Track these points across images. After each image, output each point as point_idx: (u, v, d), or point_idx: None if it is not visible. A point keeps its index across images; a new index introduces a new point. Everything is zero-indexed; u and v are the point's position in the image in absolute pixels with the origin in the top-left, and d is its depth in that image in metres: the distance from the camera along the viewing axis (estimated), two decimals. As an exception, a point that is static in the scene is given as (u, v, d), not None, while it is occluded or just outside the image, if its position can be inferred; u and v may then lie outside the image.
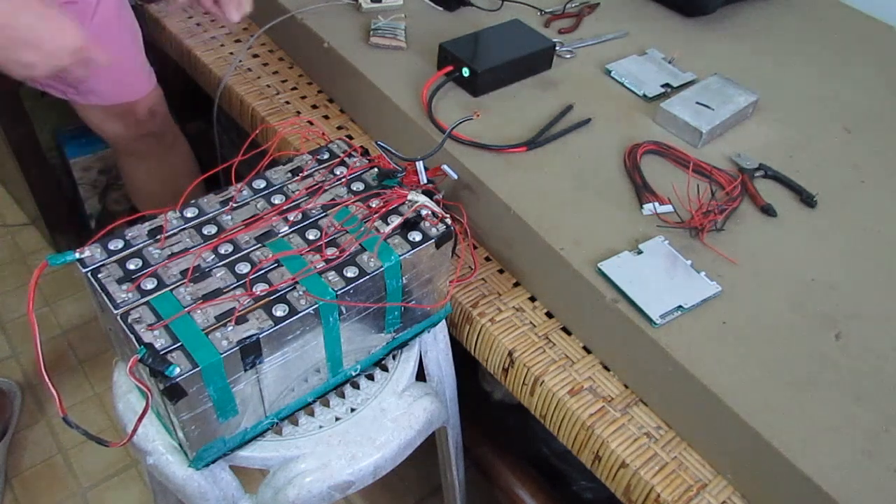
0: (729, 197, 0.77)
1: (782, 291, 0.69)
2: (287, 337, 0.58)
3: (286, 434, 0.67)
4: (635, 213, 0.76)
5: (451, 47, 0.89)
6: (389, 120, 0.90)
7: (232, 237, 0.62)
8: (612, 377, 0.71)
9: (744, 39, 1.04)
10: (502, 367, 0.75)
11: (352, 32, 0.98)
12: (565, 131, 0.84)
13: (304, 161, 0.71)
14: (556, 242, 0.72)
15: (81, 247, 0.61)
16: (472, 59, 0.87)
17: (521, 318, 0.76)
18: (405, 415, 0.70)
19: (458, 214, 0.78)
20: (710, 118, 0.85)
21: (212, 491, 0.65)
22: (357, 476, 0.67)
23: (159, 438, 0.65)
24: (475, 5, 1.05)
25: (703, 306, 0.67)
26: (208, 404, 0.57)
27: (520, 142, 0.82)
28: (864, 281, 0.71)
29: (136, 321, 0.55)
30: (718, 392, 0.61)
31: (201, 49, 1.10)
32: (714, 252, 0.72)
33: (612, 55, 0.97)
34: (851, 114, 0.92)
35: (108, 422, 1.37)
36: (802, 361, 0.64)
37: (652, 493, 0.64)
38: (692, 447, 0.66)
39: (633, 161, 0.81)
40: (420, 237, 0.64)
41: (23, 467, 1.30)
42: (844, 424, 0.60)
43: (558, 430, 0.71)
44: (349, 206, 0.66)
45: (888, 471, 0.57)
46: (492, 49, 0.91)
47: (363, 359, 0.69)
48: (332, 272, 0.60)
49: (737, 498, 0.63)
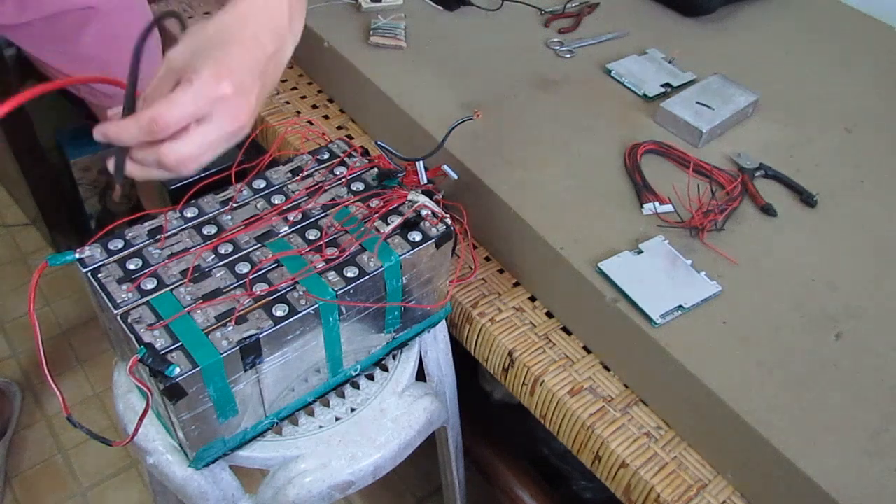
0: (729, 197, 0.77)
1: (782, 291, 0.69)
2: (287, 337, 0.58)
3: (286, 434, 0.67)
4: (635, 212, 0.76)
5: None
6: (389, 120, 0.90)
7: (232, 237, 0.62)
8: (612, 377, 0.71)
9: (744, 39, 1.04)
10: (502, 367, 0.75)
11: (352, 32, 0.98)
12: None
13: (304, 161, 0.71)
14: (556, 242, 0.72)
15: (81, 247, 0.61)
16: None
17: (521, 318, 0.76)
18: (405, 415, 0.70)
19: (458, 214, 0.78)
20: (710, 118, 0.85)
21: (212, 491, 0.65)
22: (357, 476, 0.67)
23: (159, 438, 0.65)
24: (475, 5, 1.05)
25: (703, 306, 0.67)
26: (208, 404, 0.57)
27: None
28: (864, 281, 0.71)
29: (136, 321, 0.55)
30: (718, 392, 0.61)
31: (201, 49, 1.10)
32: (714, 252, 0.72)
33: (612, 55, 0.97)
34: (851, 114, 0.92)
35: (108, 422, 1.37)
36: (802, 361, 0.64)
37: (652, 493, 0.64)
38: (692, 447, 0.66)
39: (634, 161, 0.81)
40: (420, 237, 0.64)
41: (23, 467, 1.30)
42: (844, 424, 0.60)
43: (558, 430, 0.71)
44: (349, 206, 0.66)
45: (888, 471, 0.57)
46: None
47: (363, 359, 0.69)
48: (332, 272, 0.60)
49: (737, 498, 0.63)
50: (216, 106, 0.45)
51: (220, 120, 0.45)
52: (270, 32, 0.48)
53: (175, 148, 0.45)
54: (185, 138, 0.45)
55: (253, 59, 0.46)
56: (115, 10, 0.91)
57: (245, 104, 0.46)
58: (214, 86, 0.44)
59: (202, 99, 0.44)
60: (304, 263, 0.60)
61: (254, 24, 0.47)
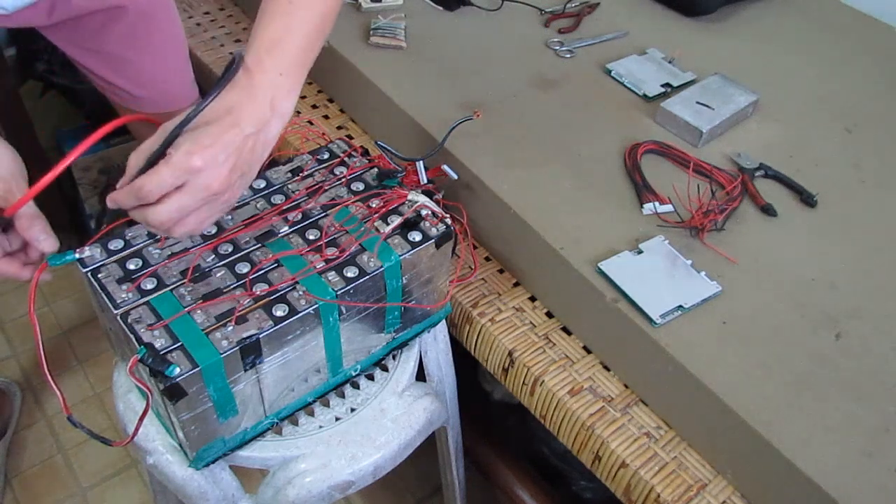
0: (729, 197, 0.77)
1: (782, 291, 0.69)
2: (287, 337, 0.58)
3: (286, 434, 0.67)
4: (635, 212, 0.76)
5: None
6: (389, 120, 0.90)
7: (232, 237, 0.62)
8: (612, 377, 0.71)
9: (744, 39, 1.04)
10: (502, 367, 0.75)
11: (352, 32, 0.98)
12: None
13: (304, 161, 0.71)
14: (555, 242, 0.72)
15: (81, 247, 0.61)
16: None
17: (521, 318, 0.76)
18: (405, 415, 0.70)
19: (458, 214, 0.78)
20: (710, 118, 0.84)
21: (212, 491, 0.65)
22: (357, 476, 0.67)
23: (159, 438, 0.65)
24: (475, 5, 1.05)
25: (703, 306, 0.67)
26: (208, 404, 0.57)
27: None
28: (864, 281, 0.71)
29: (136, 321, 0.55)
30: (718, 392, 0.61)
31: (201, 49, 1.10)
32: (714, 252, 0.72)
33: (612, 55, 0.97)
34: (851, 114, 0.92)
35: (109, 422, 1.37)
36: (803, 361, 0.64)
37: (652, 493, 0.64)
38: (692, 447, 0.66)
39: (634, 161, 0.81)
40: (420, 237, 0.64)
41: (23, 467, 1.30)
42: (844, 424, 0.60)
43: (558, 430, 0.71)
44: (349, 206, 0.66)
45: (888, 471, 0.57)
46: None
47: (363, 359, 0.69)
48: (332, 272, 0.60)
49: (737, 498, 0.63)
50: (190, 177, 0.52)
51: (193, 188, 0.53)
52: (250, 117, 0.55)
53: (155, 210, 0.53)
54: (165, 202, 0.53)
55: (229, 138, 0.53)
56: (144, 11, 0.92)
57: (216, 175, 0.53)
58: (186, 160, 0.52)
59: (177, 170, 0.52)
60: (304, 263, 0.60)
61: (237, 111, 0.54)
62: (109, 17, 0.90)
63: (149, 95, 0.99)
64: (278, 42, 0.57)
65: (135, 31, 0.92)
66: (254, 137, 0.55)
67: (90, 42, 0.92)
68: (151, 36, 0.95)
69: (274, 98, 0.56)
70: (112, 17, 0.90)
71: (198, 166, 0.52)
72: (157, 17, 0.95)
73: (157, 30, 0.96)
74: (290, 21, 0.58)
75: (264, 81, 0.55)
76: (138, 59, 0.95)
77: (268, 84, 0.56)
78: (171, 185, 0.52)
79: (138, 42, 0.94)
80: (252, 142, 0.55)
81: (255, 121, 0.55)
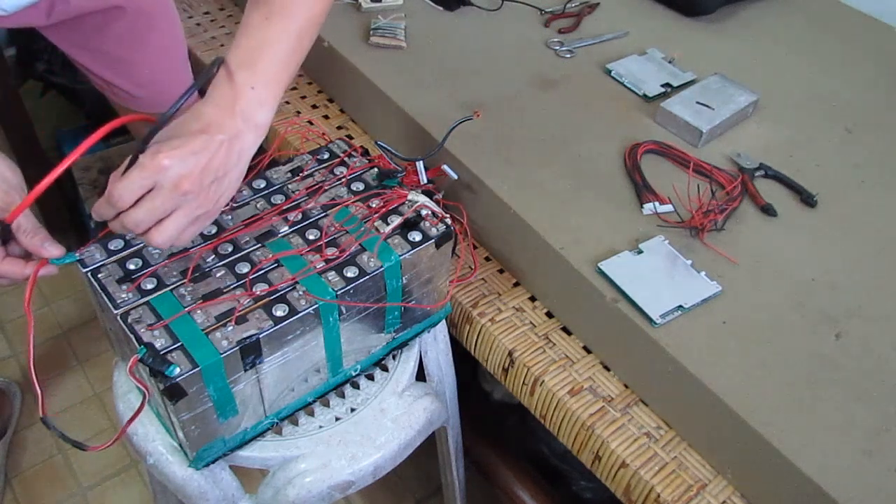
0: (729, 197, 0.77)
1: (782, 291, 0.69)
2: (287, 337, 0.58)
3: (286, 434, 0.67)
4: (635, 212, 0.76)
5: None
6: (389, 120, 0.90)
7: (232, 237, 0.62)
8: (612, 377, 0.71)
9: (744, 39, 1.04)
10: (502, 367, 0.75)
11: (352, 32, 0.98)
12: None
13: (304, 161, 0.71)
14: (555, 242, 0.72)
15: (81, 247, 0.61)
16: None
17: (521, 318, 0.76)
18: (405, 415, 0.70)
19: (458, 214, 0.78)
20: (710, 118, 0.84)
21: (212, 491, 0.65)
22: (357, 476, 0.67)
23: (159, 438, 0.65)
24: (475, 5, 1.05)
25: (703, 306, 0.67)
26: (208, 404, 0.57)
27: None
28: (865, 281, 0.71)
29: (136, 321, 0.55)
30: (718, 392, 0.61)
31: (201, 49, 1.10)
32: (714, 252, 0.72)
33: (612, 55, 0.97)
34: (851, 114, 0.92)
35: (108, 422, 1.37)
36: (803, 361, 0.64)
37: (652, 493, 0.64)
38: (692, 447, 0.66)
39: (634, 161, 0.81)
40: (420, 237, 0.64)
41: (23, 467, 1.30)
42: (844, 424, 0.60)
43: (558, 430, 0.71)
44: (349, 206, 0.66)
45: (888, 471, 0.57)
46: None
47: (363, 359, 0.69)
48: (332, 272, 0.60)
49: (737, 498, 0.63)
50: (158, 177, 0.53)
51: (163, 188, 0.53)
52: (219, 127, 0.56)
53: (128, 214, 0.54)
54: (139, 205, 0.54)
55: (198, 141, 0.54)
56: (143, 11, 0.92)
57: (185, 174, 0.53)
58: (152, 160, 0.53)
59: (144, 171, 0.53)
60: (304, 263, 0.60)
61: (206, 120, 0.56)
62: (108, 18, 0.90)
63: (148, 95, 0.99)
64: (250, 56, 0.58)
65: (134, 31, 0.93)
66: (227, 144, 0.56)
67: (89, 42, 0.92)
68: (150, 36, 0.95)
69: (244, 111, 0.57)
70: (111, 17, 0.90)
71: (165, 165, 0.52)
72: (157, 17, 0.95)
73: (157, 30, 0.96)
74: (265, 35, 0.59)
75: (234, 94, 0.56)
76: (138, 59, 0.95)
77: (238, 97, 0.57)
78: (141, 185, 0.53)
79: (137, 42, 0.94)
80: (225, 148, 0.56)
81: (226, 129, 0.56)
